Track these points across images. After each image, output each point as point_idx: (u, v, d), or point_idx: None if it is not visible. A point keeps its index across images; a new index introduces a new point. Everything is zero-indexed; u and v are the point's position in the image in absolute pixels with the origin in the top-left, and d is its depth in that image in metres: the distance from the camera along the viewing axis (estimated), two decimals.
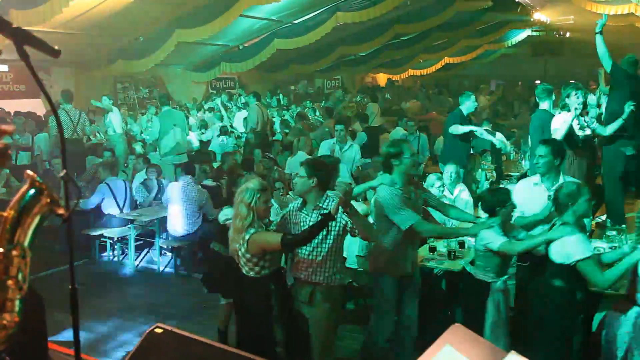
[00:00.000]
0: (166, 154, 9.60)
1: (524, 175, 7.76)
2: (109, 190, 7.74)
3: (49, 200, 1.37)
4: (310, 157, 9.16)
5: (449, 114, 8.20)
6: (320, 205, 3.81)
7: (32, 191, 1.36)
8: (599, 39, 6.43)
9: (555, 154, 4.40)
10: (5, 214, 1.34)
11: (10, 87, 12.59)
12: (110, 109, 11.07)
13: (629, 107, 6.06)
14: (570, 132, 6.01)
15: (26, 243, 1.35)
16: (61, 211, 1.40)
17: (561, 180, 4.41)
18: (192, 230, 7.22)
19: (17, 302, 1.36)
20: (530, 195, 4.49)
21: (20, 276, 1.34)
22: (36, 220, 1.36)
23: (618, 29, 15.20)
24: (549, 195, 4.23)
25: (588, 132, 6.21)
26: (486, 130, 8.35)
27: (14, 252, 1.32)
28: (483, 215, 4.89)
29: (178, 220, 7.20)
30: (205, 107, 14.81)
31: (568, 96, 6.14)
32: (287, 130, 11.88)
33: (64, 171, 1.48)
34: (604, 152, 6.73)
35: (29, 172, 1.41)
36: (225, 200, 7.78)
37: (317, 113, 15.27)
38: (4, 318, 1.34)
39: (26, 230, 1.34)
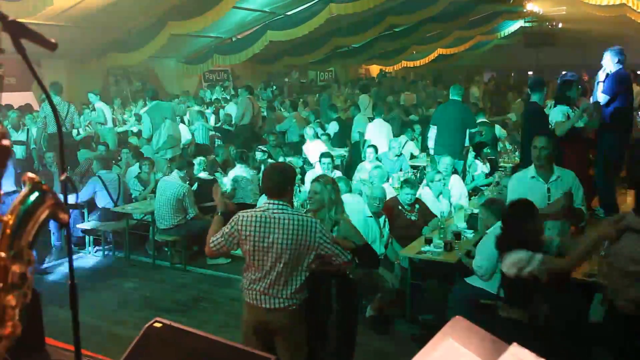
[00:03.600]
0: (159, 149, 9.52)
1: (516, 166, 7.79)
2: (101, 184, 7.70)
3: (53, 202, 1.32)
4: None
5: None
6: None
7: (34, 194, 1.31)
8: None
9: (554, 146, 4.37)
10: (5, 218, 1.27)
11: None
12: (95, 104, 11.08)
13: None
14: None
15: (29, 247, 1.30)
16: (64, 216, 1.35)
17: (556, 172, 4.37)
18: (171, 225, 7.16)
19: (18, 310, 1.30)
20: (527, 190, 4.36)
21: (25, 283, 1.30)
22: (38, 224, 1.32)
23: (610, 19, 15.26)
24: (548, 188, 4.21)
25: (580, 123, 6.22)
26: None
27: (18, 258, 1.26)
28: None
29: (159, 214, 7.23)
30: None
31: (569, 89, 6.16)
32: None
33: (65, 174, 1.45)
34: (598, 143, 6.76)
35: (30, 174, 1.34)
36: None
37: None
38: (7, 327, 1.28)
39: (28, 235, 1.29)
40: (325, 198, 3.91)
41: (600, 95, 6.30)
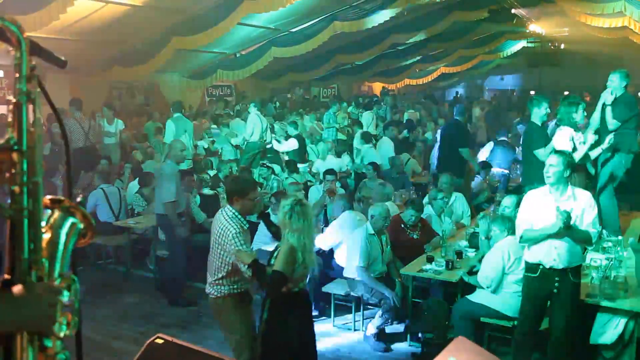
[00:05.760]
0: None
1: (519, 186, 7.80)
2: (104, 197, 7.68)
3: (83, 219, 1.26)
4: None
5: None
6: None
7: (61, 216, 1.25)
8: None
9: (566, 165, 4.30)
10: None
11: (6, 93, 12.52)
12: (110, 119, 11.13)
13: (610, 141, 6.07)
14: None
15: (67, 272, 1.24)
16: (87, 239, 1.28)
17: (569, 191, 4.38)
18: None
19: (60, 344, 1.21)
20: (540, 207, 4.37)
21: (70, 315, 1.22)
22: (71, 247, 1.25)
23: (613, 42, 15.35)
24: (557, 207, 4.19)
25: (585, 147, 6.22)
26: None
27: (59, 284, 1.20)
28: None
29: None
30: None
31: (575, 111, 6.17)
32: None
33: (81, 195, 1.44)
34: (599, 165, 6.76)
35: (49, 197, 1.26)
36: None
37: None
38: None
39: (63, 259, 1.23)
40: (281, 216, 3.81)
41: (611, 121, 6.30)
